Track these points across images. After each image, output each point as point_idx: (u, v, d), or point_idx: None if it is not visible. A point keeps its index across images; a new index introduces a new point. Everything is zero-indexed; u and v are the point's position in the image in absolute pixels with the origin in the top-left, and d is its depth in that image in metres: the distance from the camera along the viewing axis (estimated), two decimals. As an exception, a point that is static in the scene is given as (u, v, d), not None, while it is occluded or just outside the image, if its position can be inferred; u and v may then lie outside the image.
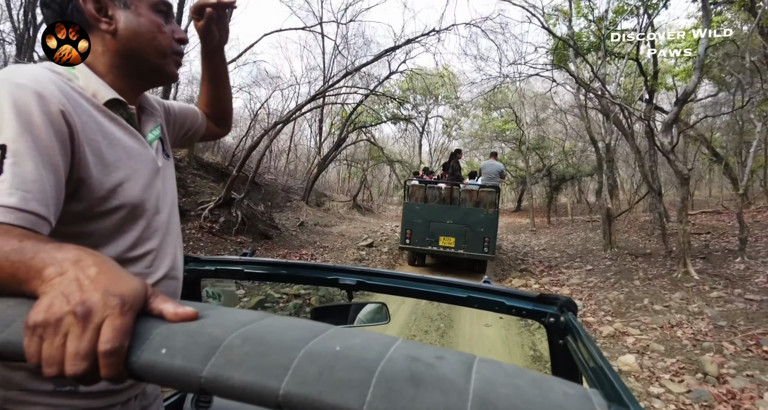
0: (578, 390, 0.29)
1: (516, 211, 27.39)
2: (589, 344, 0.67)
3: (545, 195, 20.36)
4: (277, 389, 0.28)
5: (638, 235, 12.52)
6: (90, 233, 0.64)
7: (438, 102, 27.63)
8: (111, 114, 0.67)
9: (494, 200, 7.29)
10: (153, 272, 0.73)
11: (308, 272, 1.12)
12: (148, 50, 0.71)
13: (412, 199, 7.58)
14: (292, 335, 0.32)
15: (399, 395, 0.26)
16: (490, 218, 7.04)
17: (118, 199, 0.65)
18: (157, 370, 0.31)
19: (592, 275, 7.30)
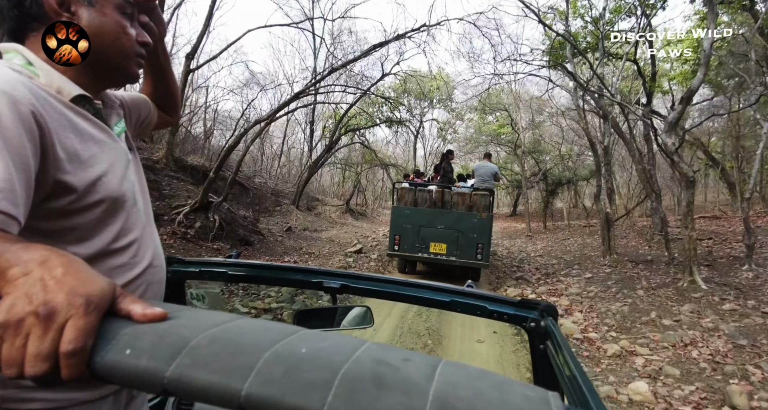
0: (538, 392, 0.29)
1: (511, 216, 27.03)
2: (564, 350, 0.68)
3: (541, 200, 20.00)
4: (240, 389, 0.27)
5: (637, 241, 12.16)
6: (73, 227, 0.64)
7: (433, 105, 27.33)
8: (78, 110, 0.66)
9: (488, 204, 6.87)
10: (139, 261, 0.74)
11: (293, 275, 1.11)
12: (111, 50, 0.70)
13: (402, 202, 7.14)
14: (262, 336, 0.32)
15: (361, 396, 0.26)
16: (483, 223, 6.61)
17: (98, 193, 0.65)
18: (120, 371, 0.30)
19: (592, 283, 6.88)
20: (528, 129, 20.45)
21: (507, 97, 20.03)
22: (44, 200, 0.58)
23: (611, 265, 8.71)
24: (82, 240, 0.65)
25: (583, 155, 24.11)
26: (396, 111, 21.13)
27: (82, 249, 0.65)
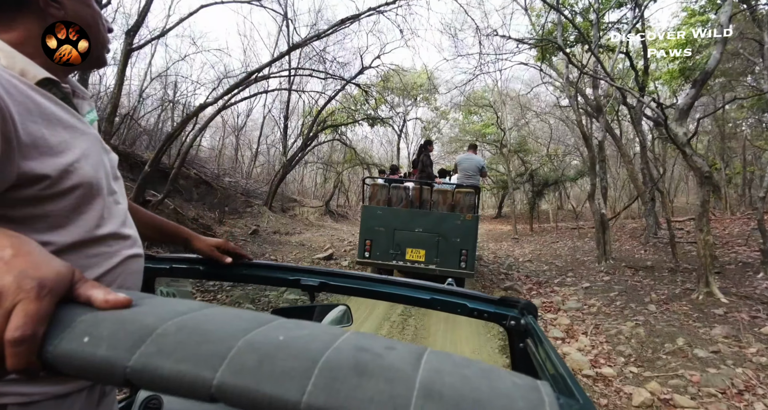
0: (527, 380, 0.29)
1: (497, 217, 26.29)
2: (546, 347, 0.68)
3: (527, 201, 19.25)
4: (211, 379, 0.26)
5: (630, 244, 11.40)
6: (45, 215, 0.60)
7: (416, 103, 26.47)
8: (45, 93, 0.61)
9: (473, 203, 5.92)
10: (120, 250, 0.72)
11: (269, 273, 1.07)
12: (92, 41, 0.70)
13: (373, 201, 6.14)
14: (233, 325, 0.30)
15: (342, 384, 0.25)
16: (468, 226, 5.65)
17: (72, 179, 0.62)
18: (76, 361, 0.28)
19: (592, 295, 5.99)
20: (514, 128, 19.72)
21: (492, 93, 19.25)
22: (12, 188, 0.56)
23: (608, 272, 7.87)
24: (57, 227, 0.62)
25: (570, 154, 23.55)
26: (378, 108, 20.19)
27: (58, 237, 0.62)
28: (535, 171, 18.31)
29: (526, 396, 0.26)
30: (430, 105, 26.05)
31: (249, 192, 16.12)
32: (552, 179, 17.84)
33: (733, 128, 18.66)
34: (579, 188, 26.17)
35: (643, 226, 15.35)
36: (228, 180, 16.82)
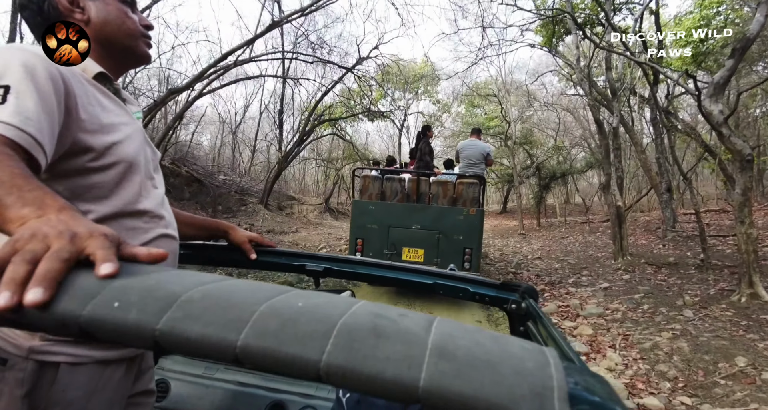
0: (534, 345, 0.30)
1: (502, 213, 25.53)
2: (548, 326, 0.70)
3: (533, 195, 18.51)
4: (235, 341, 0.27)
5: (646, 238, 10.67)
6: (92, 185, 0.70)
7: (418, 97, 25.73)
8: (99, 87, 0.76)
9: (477, 196, 5.24)
10: (152, 229, 0.79)
11: (274, 259, 1.08)
12: (119, 34, 0.80)
13: (365, 196, 5.47)
14: (254, 293, 0.32)
15: (360, 345, 0.27)
16: (471, 221, 4.98)
17: (114, 155, 0.72)
18: (107, 324, 0.29)
19: (613, 297, 5.30)
20: (519, 119, 18.96)
21: (495, 83, 18.49)
22: (65, 158, 0.66)
23: (627, 269, 7.17)
24: (100, 199, 0.71)
25: (578, 146, 22.74)
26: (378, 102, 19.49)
27: (101, 207, 0.71)
28: (542, 164, 17.55)
29: (534, 357, 0.28)
30: (432, 98, 25.32)
31: (244, 190, 15.50)
32: (560, 172, 17.06)
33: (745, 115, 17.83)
34: (586, 181, 25.38)
35: (658, 219, 14.61)
36: (222, 178, 16.22)
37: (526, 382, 0.25)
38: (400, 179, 5.43)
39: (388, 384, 0.26)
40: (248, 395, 1.28)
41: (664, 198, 10.61)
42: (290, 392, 1.28)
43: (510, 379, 0.25)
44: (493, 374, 0.26)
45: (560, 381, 0.26)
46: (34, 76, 0.60)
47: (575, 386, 0.27)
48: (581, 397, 0.26)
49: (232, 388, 1.30)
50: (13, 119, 0.56)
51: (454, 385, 0.25)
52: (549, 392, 0.25)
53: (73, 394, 0.68)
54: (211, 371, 1.35)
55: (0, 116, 0.55)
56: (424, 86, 24.79)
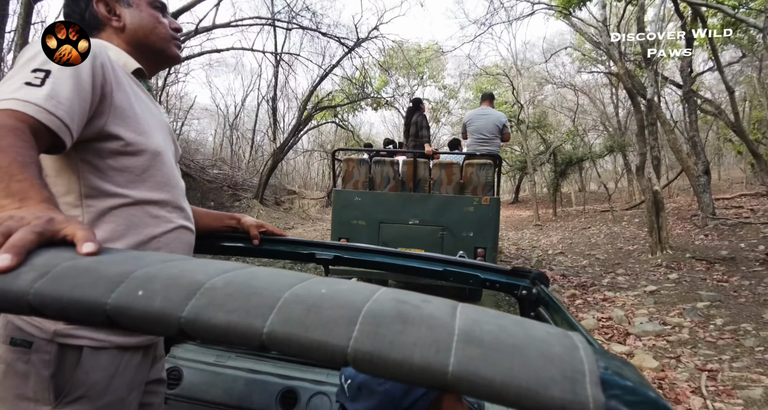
0: (558, 330, 0.30)
1: (513, 203, 24.23)
2: (560, 310, 0.72)
3: (549, 182, 17.23)
4: (261, 327, 0.27)
5: (681, 228, 9.42)
6: (123, 168, 0.76)
7: (423, 82, 24.44)
8: (136, 81, 0.84)
9: (491, 180, 4.12)
10: (173, 219, 0.84)
11: (284, 247, 1.09)
12: (152, 38, 0.89)
13: (349, 184, 4.39)
14: (277, 280, 0.32)
15: (386, 331, 0.27)
16: (484, 214, 3.88)
17: (143, 144, 0.78)
18: (133, 312, 0.29)
19: (666, 304, 4.17)
20: (531, 102, 17.64)
21: (505, 62, 17.17)
22: (100, 139, 0.73)
23: (670, 266, 6.00)
24: (131, 183, 0.77)
25: (594, 130, 21.32)
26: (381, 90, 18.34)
27: (131, 192, 0.77)
28: (558, 149, 16.24)
29: (561, 341, 0.27)
30: (438, 83, 24.05)
31: (237, 185, 14.54)
32: (576, 157, 15.75)
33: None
34: (601, 167, 23.93)
35: (687, 205, 13.30)
36: (216, 172, 15.28)
37: (555, 366, 0.25)
38: (392, 161, 4.33)
39: (416, 370, 0.25)
40: (260, 382, 1.26)
41: (701, 182, 9.34)
42: (302, 378, 1.27)
43: (538, 363, 0.25)
44: (521, 358, 0.25)
45: (591, 365, 0.26)
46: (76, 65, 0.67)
47: (605, 370, 0.26)
48: (613, 382, 0.25)
49: (244, 375, 1.28)
50: (47, 103, 0.62)
51: (483, 370, 0.25)
52: (580, 376, 0.25)
53: (96, 377, 0.72)
54: (223, 359, 1.34)
55: (33, 98, 0.61)
56: (429, 71, 23.54)
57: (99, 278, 0.31)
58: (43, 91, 0.62)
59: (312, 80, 14.93)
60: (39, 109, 0.60)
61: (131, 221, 0.77)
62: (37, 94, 0.61)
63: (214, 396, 1.24)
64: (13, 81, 0.63)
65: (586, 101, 20.66)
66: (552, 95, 21.59)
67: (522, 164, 18.22)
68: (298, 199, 18.02)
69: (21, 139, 0.55)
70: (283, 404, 1.23)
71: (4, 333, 0.71)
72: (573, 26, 11.76)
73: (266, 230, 1.10)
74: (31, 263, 0.34)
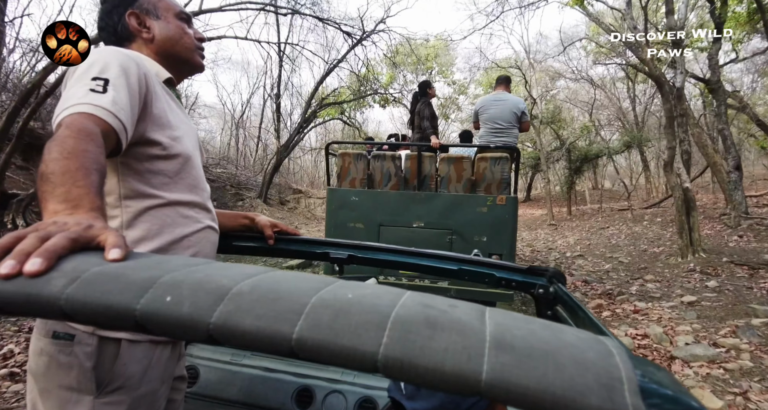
0: (588, 334, 0.29)
1: (525, 201, 23.53)
2: (579, 309, 0.70)
3: (563, 180, 16.55)
4: (290, 333, 0.27)
5: (711, 228, 8.75)
6: (158, 171, 0.81)
7: (432, 78, 23.81)
8: (167, 90, 0.89)
9: (507, 177, 3.58)
10: (202, 219, 0.89)
11: (298, 246, 1.10)
12: (178, 48, 0.94)
13: (345, 181, 3.89)
14: (302, 285, 0.32)
15: (416, 336, 0.26)
16: (499, 215, 3.37)
17: (176, 148, 0.83)
18: (162, 319, 0.30)
19: (712, 319, 3.60)
20: (545, 96, 16.93)
21: (517, 56, 16.52)
22: (140, 144, 0.78)
23: (706, 271, 5.40)
24: (165, 185, 0.82)
25: (610, 125, 20.55)
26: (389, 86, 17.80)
27: (165, 193, 0.82)
28: (573, 145, 15.55)
29: (594, 347, 0.27)
30: (447, 79, 23.40)
31: (241, 184, 14.16)
32: (592, 153, 15.05)
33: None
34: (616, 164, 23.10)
35: (713, 203, 12.56)
36: (220, 171, 14.91)
37: (590, 373, 0.24)
38: (393, 156, 3.81)
39: (448, 377, 0.25)
40: (275, 380, 1.27)
41: (732, 178, 8.66)
42: (317, 377, 1.27)
43: (572, 369, 0.24)
44: (554, 364, 0.25)
45: (629, 373, 0.25)
46: (127, 74, 0.73)
47: (642, 378, 0.25)
48: (652, 390, 0.24)
49: (259, 374, 1.29)
50: (113, 108, 0.67)
51: (517, 377, 0.24)
52: (618, 384, 0.24)
53: (133, 368, 0.76)
54: (238, 357, 1.34)
55: (101, 103, 0.67)
56: (438, 66, 22.93)
57: (127, 285, 0.32)
58: (108, 97, 0.68)
59: (317, 77, 14.48)
60: (108, 113, 0.66)
61: (165, 221, 0.82)
62: (104, 100, 0.67)
63: (230, 394, 1.24)
64: (77, 88, 0.68)
65: (600, 96, 19.91)
66: (565, 90, 20.85)
67: (535, 160, 17.55)
68: (304, 198, 17.57)
69: (95, 144, 0.60)
70: (299, 402, 1.23)
71: (45, 328, 0.73)
72: (589, 16, 11.13)
73: (280, 229, 1.11)
74: (62, 269, 0.34)
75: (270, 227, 1.09)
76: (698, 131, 10.91)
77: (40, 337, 0.74)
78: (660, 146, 18.52)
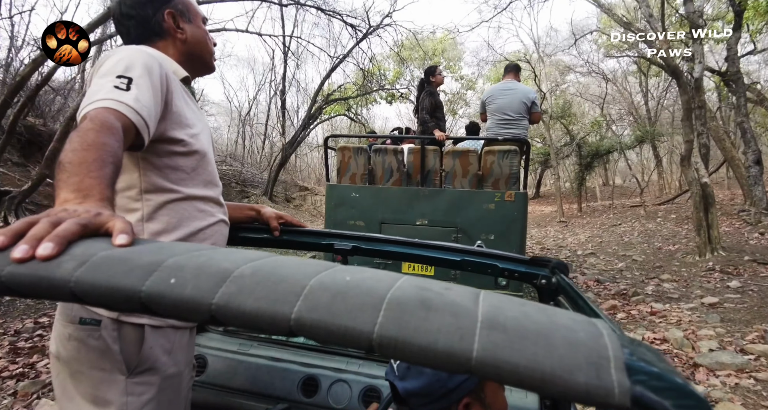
0: (582, 317, 0.30)
1: (534, 198, 23.16)
2: (581, 299, 0.70)
3: (573, 176, 16.20)
4: (289, 314, 0.28)
5: (729, 225, 8.43)
6: (177, 167, 0.85)
7: (439, 74, 23.48)
8: (185, 87, 0.93)
9: (516, 171, 3.37)
10: (216, 213, 0.94)
11: (303, 238, 1.12)
12: (203, 51, 1.00)
13: (345, 177, 3.71)
14: (302, 268, 0.33)
15: (410, 317, 0.27)
16: (508, 212, 3.17)
17: (194, 145, 0.86)
18: (167, 300, 0.31)
19: (737, 322, 3.37)
20: (555, 90, 16.58)
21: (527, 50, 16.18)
22: (161, 142, 0.81)
23: (726, 271, 5.14)
24: (183, 180, 0.86)
25: (621, 120, 20.11)
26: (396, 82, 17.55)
27: (183, 188, 0.86)
28: (583, 140, 15.19)
29: (585, 328, 0.27)
30: (455, 74, 23.06)
31: (246, 181, 14.06)
32: (604, 149, 14.68)
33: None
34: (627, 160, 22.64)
35: (729, 199, 12.17)
36: (225, 168, 14.83)
37: (580, 352, 0.25)
38: (395, 150, 3.62)
39: (440, 355, 0.26)
40: (282, 370, 1.28)
41: (751, 173, 8.31)
42: (323, 366, 1.28)
43: (562, 349, 0.25)
44: (545, 344, 0.25)
45: (616, 351, 0.26)
46: (151, 73, 0.76)
47: (630, 356, 0.26)
48: (638, 367, 0.25)
49: (266, 363, 1.30)
50: (135, 105, 0.70)
51: (508, 356, 0.25)
52: (605, 362, 0.25)
53: (158, 352, 0.81)
54: (246, 347, 1.36)
55: (124, 99, 0.69)
56: (446, 61, 22.59)
57: (133, 268, 0.33)
58: (131, 95, 0.71)
59: (323, 74, 14.30)
60: (130, 109, 0.69)
61: (182, 215, 0.86)
62: (127, 97, 0.70)
63: (237, 383, 1.26)
64: (102, 84, 0.71)
65: (611, 90, 19.47)
66: (576, 84, 20.43)
67: (545, 156, 17.22)
68: (310, 195, 17.45)
69: (115, 138, 0.62)
70: (305, 391, 1.24)
71: (71, 314, 0.77)
72: (600, 7, 10.80)
73: (285, 221, 1.13)
74: (71, 253, 0.35)
75: (275, 218, 1.12)
76: (715, 125, 10.56)
77: (66, 323, 0.77)
78: (673, 141, 18.07)
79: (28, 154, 5.94)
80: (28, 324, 3.25)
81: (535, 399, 1.14)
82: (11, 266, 0.34)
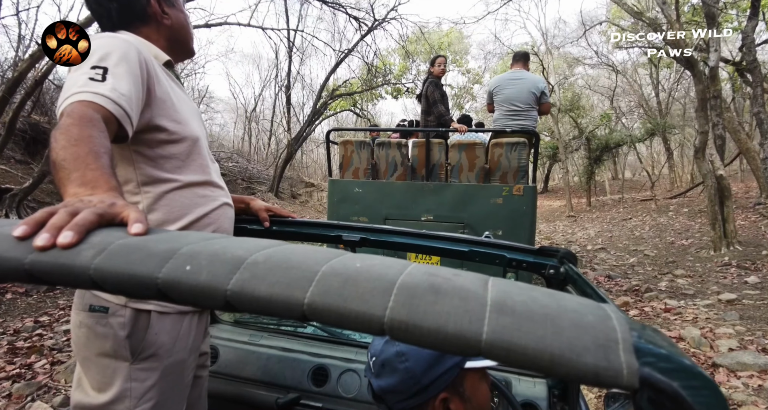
0: (590, 302, 0.30)
1: (542, 192, 22.89)
2: (588, 287, 0.70)
3: (582, 170, 15.95)
4: (302, 299, 0.29)
5: (744, 218, 8.22)
6: (169, 155, 0.83)
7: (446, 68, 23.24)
8: (167, 71, 0.91)
9: (524, 164, 3.25)
10: (218, 197, 0.93)
11: (311, 230, 1.13)
12: (186, 36, 0.99)
13: (347, 171, 3.61)
14: (313, 255, 0.33)
15: (420, 301, 0.28)
16: (516, 207, 3.06)
17: (184, 132, 0.85)
18: (183, 286, 0.31)
19: (758, 320, 3.23)
20: (563, 83, 16.29)
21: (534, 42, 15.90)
22: (148, 131, 0.80)
23: (743, 266, 4.98)
24: (178, 168, 0.85)
25: (631, 113, 19.76)
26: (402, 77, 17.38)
27: (180, 176, 0.85)
28: (592, 133, 14.93)
29: (593, 312, 0.27)
30: (461, 67, 22.79)
31: (252, 177, 14.02)
32: (613, 142, 14.42)
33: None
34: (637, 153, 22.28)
35: (744, 192, 11.89)
36: (231, 165, 14.81)
37: (588, 335, 0.25)
38: (399, 143, 3.51)
39: (450, 338, 0.26)
40: (292, 360, 1.30)
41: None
42: (332, 356, 1.29)
43: (570, 332, 0.25)
44: (553, 327, 0.26)
45: (624, 334, 0.26)
46: (128, 60, 0.74)
47: (638, 339, 0.26)
48: (646, 349, 0.25)
49: (276, 354, 1.32)
50: (112, 95, 0.68)
51: (516, 338, 0.25)
52: (613, 344, 0.25)
53: (164, 338, 0.82)
54: (256, 338, 1.38)
55: (100, 90, 0.68)
56: (452, 55, 22.32)
57: (150, 255, 0.33)
58: (108, 85, 0.69)
59: (327, 69, 14.17)
60: (108, 100, 0.67)
61: (183, 203, 0.86)
62: (104, 88, 0.68)
63: (248, 373, 1.28)
64: (77, 77, 0.69)
65: (621, 82, 19.11)
66: (584, 77, 20.09)
67: (553, 150, 16.98)
68: (317, 191, 17.39)
69: (98, 129, 0.61)
70: (315, 381, 1.25)
71: (82, 302, 0.80)
72: None
73: (274, 212, 1.15)
74: (90, 241, 0.36)
75: (264, 210, 1.13)
76: (729, 116, 10.28)
77: (78, 311, 0.80)
78: (684, 133, 17.71)
79: (33, 152, 5.92)
80: (28, 322, 3.21)
81: (543, 389, 1.12)
82: (33, 254, 0.35)
